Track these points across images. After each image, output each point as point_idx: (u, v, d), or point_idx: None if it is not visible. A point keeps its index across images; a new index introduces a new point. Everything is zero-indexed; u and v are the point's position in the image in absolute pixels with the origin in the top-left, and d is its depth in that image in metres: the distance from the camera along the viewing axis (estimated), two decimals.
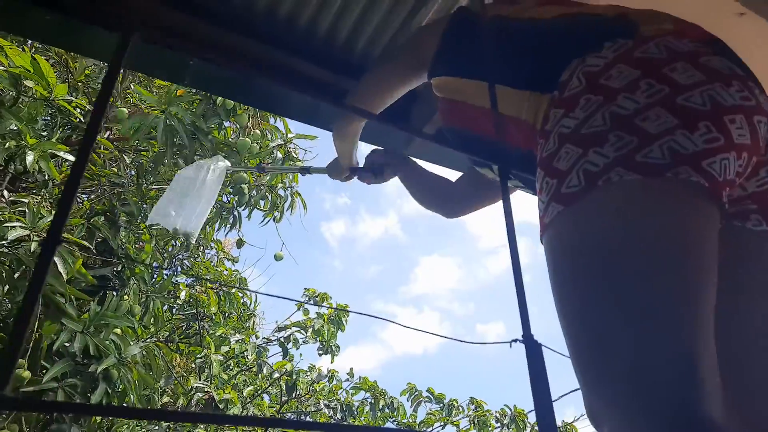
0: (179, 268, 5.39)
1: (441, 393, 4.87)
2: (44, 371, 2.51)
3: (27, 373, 2.35)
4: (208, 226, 4.30)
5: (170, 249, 4.72)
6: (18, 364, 2.05)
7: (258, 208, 3.75)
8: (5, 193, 2.91)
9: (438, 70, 1.13)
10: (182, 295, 3.42)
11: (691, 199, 0.70)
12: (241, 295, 5.79)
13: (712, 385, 0.62)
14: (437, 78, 1.12)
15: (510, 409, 4.77)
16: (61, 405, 0.33)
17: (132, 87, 3.28)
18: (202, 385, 3.37)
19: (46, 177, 3.37)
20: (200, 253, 5.66)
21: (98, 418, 3.05)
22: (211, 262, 5.57)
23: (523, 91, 0.92)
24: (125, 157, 3.44)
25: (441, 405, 4.86)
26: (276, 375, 4.08)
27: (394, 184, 1.72)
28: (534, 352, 0.86)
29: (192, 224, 1.81)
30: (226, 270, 5.72)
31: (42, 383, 2.44)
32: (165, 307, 4.76)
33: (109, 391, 2.74)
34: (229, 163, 2.03)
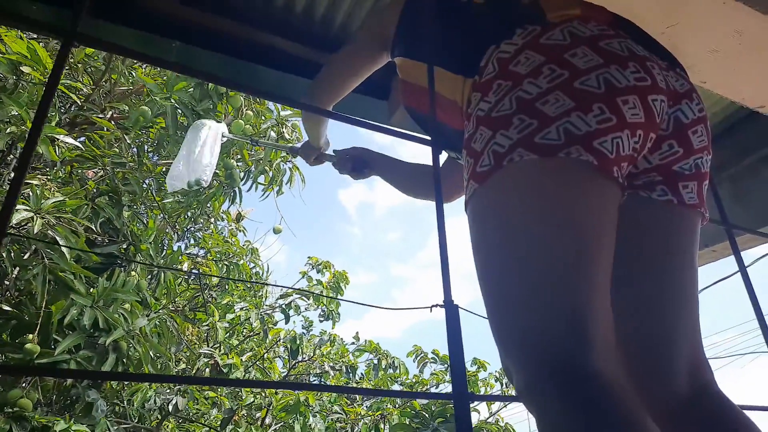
0: (191, 240, 5.56)
1: (446, 354, 5.01)
2: (57, 345, 2.66)
3: (36, 347, 2.50)
4: (215, 201, 4.41)
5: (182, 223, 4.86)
6: (26, 339, 2.18)
7: (258, 183, 3.84)
8: (10, 175, 3.03)
9: (395, 51, 1.18)
10: (184, 266, 3.54)
11: (581, 176, 0.76)
12: (252, 265, 5.98)
13: (602, 342, 0.67)
14: (398, 58, 1.16)
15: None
16: (74, 372, 0.41)
17: (135, 74, 3.35)
18: (207, 351, 3.54)
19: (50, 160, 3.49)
20: (212, 226, 5.80)
21: (113, 384, 3.24)
22: (222, 233, 5.71)
23: (456, 75, 0.97)
24: (126, 137, 3.53)
25: (446, 365, 5.01)
26: (280, 340, 4.26)
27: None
28: (452, 315, 0.93)
29: (201, 173, 1.98)
30: (235, 241, 5.87)
31: (54, 356, 2.60)
32: (179, 281, 4.95)
33: (124, 360, 2.90)
34: (224, 125, 2.19)
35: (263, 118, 3.34)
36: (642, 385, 0.86)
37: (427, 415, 2.38)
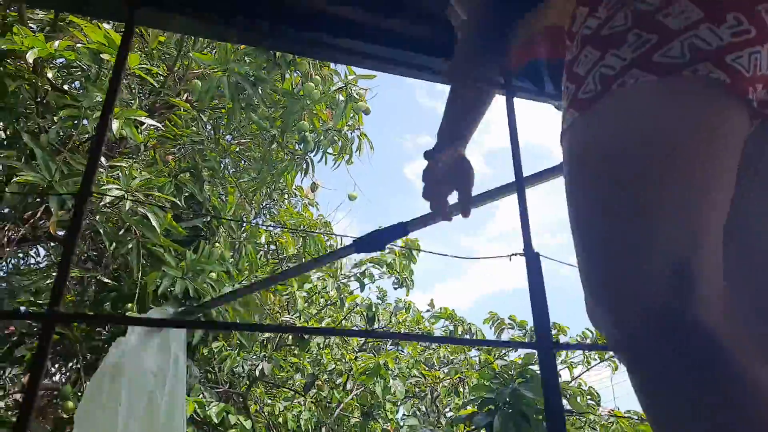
0: (267, 216, 5.77)
1: (523, 320, 4.95)
2: None
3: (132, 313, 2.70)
4: (287, 175, 4.53)
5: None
6: (126, 309, 2.35)
7: (328, 153, 3.88)
8: (102, 159, 3.25)
9: None
10: (262, 239, 3.68)
11: (708, 98, 0.67)
12: (326, 238, 6.14)
13: (710, 291, 0.61)
14: None
15: (592, 333, 4.76)
16: (99, 316, 0.43)
17: (191, 55, 3.45)
18: (288, 319, 3.69)
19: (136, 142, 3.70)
20: (286, 202, 5.99)
21: (204, 352, 3.46)
22: (295, 208, 5.88)
23: None
24: (202, 116, 3.67)
25: (523, 331, 4.94)
26: (356, 307, 4.37)
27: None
28: (533, 263, 0.90)
29: None
30: (309, 214, 6.03)
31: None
32: (259, 255, 5.16)
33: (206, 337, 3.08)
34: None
35: (333, 80, 3.35)
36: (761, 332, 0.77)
37: (506, 376, 2.35)
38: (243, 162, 4.48)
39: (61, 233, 2.88)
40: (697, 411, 0.57)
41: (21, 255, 3.87)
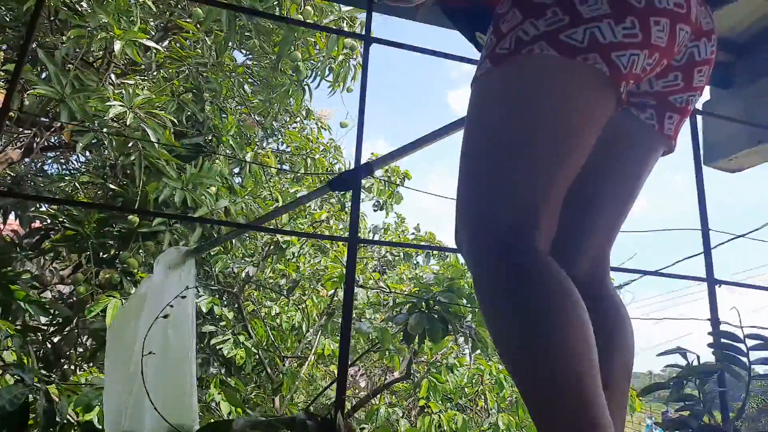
0: (278, 137, 6.04)
1: None
2: (153, 219, 3.24)
3: (136, 219, 3.08)
4: (292, 97, 4.75)
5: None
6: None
7: (326, 80, 4.08)
8: (113, 77, 3.54)
9: None
10: (248, 156, 3.98)
11: (589, 84, 0.80)
12: (335, 162, 6.42)
13: (547, 230, 0.80)
14: None
15: None
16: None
17: None
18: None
19: (150, 61, 3.96)
20: (299, 124, 6.23)
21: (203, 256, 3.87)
22: (305, 131, 6.13)
23: None
24: (207, 39, 3.88)
25: None
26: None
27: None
28: None
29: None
30: (320, 137, 6.29)
31: (152, 227, 3.18)
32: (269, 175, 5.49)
33: (205, 234, 3.46)
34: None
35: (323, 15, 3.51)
36: None
37: (435, 288, 2.68)
38: (251, 83, 4.71)
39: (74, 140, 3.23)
40: (515, 307, 0.74)
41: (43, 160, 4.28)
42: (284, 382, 3.90)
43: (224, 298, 4.07)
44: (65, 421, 1.84)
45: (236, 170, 4.49)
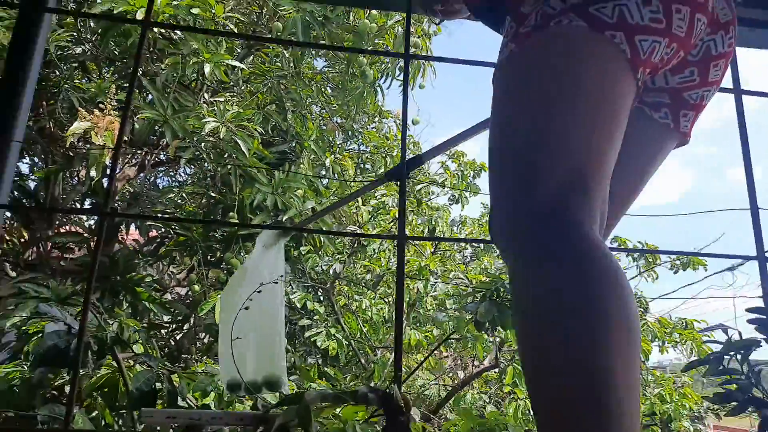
0: (358, 137, 6.28)
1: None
2: (251, 221, 3.56)
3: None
4: (367, 99, 4.94)
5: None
6: (230, 217, 3.02)
7: (397, 79, 4.23)
8: (206, 96, 3.90)
9: None
10: (327, 161, 4.20)
11: (616, 61, 0.77)
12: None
13: (597, 210, 0.70)
14: None
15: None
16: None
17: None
18: (356, 227, 4.28)
19: (238, 79, 4.31)
20: (374, 124, 6.44)
21: (294, 254, 4.16)
22: (383, 130, 6.31)
23: None
24: (285, 52, 4.16)
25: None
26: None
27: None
28: None
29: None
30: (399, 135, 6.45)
31: (250, 229, 3.49)
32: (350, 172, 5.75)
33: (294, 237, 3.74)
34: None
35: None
36: None
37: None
38: (330, 88, 4.96)
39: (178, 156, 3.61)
40: (561, 299, 0.63)
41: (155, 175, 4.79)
42: (375, 369, 4.12)
43: (318, 294, 4.36)
44: (186, 403, 2.13)
45: (322, 173, 4.77)
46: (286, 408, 0.99)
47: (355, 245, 4.47)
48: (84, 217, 4.69)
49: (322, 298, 4.32)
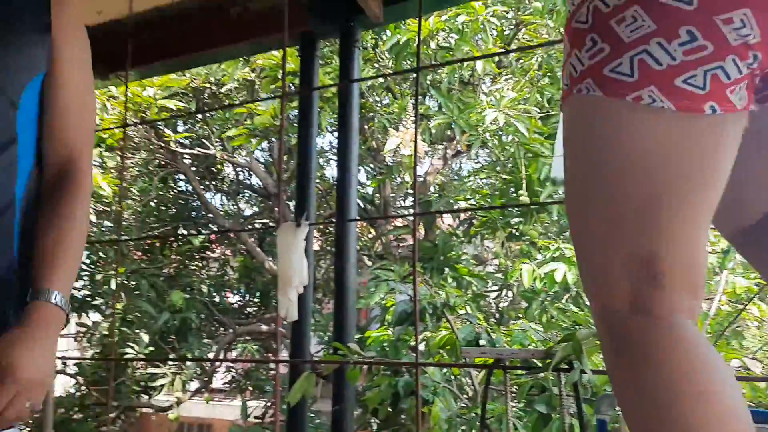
0: None
1: None
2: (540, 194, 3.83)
3: (526, 198, 3.73)
4: None
5: None
6: (519, 194, 3.39)
7: None
8: (483, 87, 4.34)
9: None
10: None
11: (656, 124, 0.65)
12: None
13: (677, 283, 0.64)
14: None
15: None
16: None
17: None
18: None
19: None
20: None
21: None
22: None
23: None
24: (550, 21, 4.28)
25: None
26: None
27: None
28: None
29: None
30: None
31: (540, 199, 3.76)
32: None
33: None
34: None
35: None
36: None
37: None
38: None
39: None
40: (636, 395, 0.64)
41: None
42: None
43: None
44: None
45: None
46: (564, 344, 1.27)
47: None
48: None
49: None
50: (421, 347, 2.62)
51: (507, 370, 1.37)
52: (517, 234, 4.11)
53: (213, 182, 6.41)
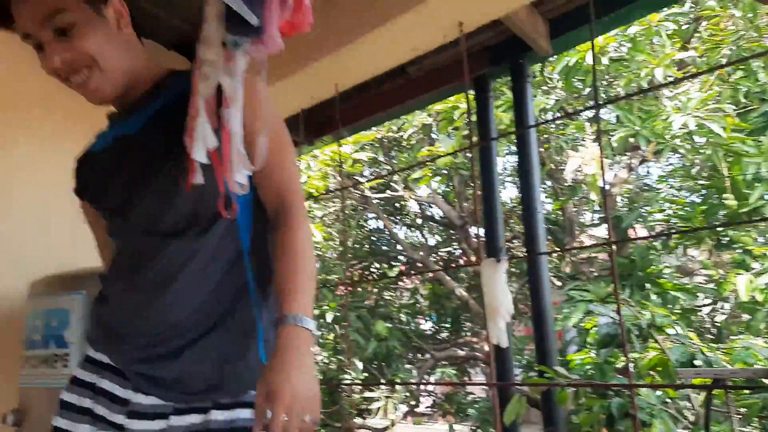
0: None
1: None
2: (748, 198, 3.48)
3: (733, 202, 3.41)
4: None
5: None
6: (724, 198, 3.20)
7: None
8: (665, 92, 4.11)
9: None
10: None
11: None
12: None
13: None
14: None
15: None
16: None
17: None
18: None
19: None
20: None
21: None
22: None
23: None
24: (735, 10, 3.92)
25: None
26: None
27: None
28: None
29: None
30: None
31: (749, 203, 3.42)
32: None
33: None
34: None
35: None
36: None
37: None
38: None
39: None
40: None
41: None
42: None
43: None
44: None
45: None
46: None
47: None
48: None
49: None
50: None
51: (728, 391, 1.37)
52: (725, 242, 3.77)
53: (398, 217, 6.95)
